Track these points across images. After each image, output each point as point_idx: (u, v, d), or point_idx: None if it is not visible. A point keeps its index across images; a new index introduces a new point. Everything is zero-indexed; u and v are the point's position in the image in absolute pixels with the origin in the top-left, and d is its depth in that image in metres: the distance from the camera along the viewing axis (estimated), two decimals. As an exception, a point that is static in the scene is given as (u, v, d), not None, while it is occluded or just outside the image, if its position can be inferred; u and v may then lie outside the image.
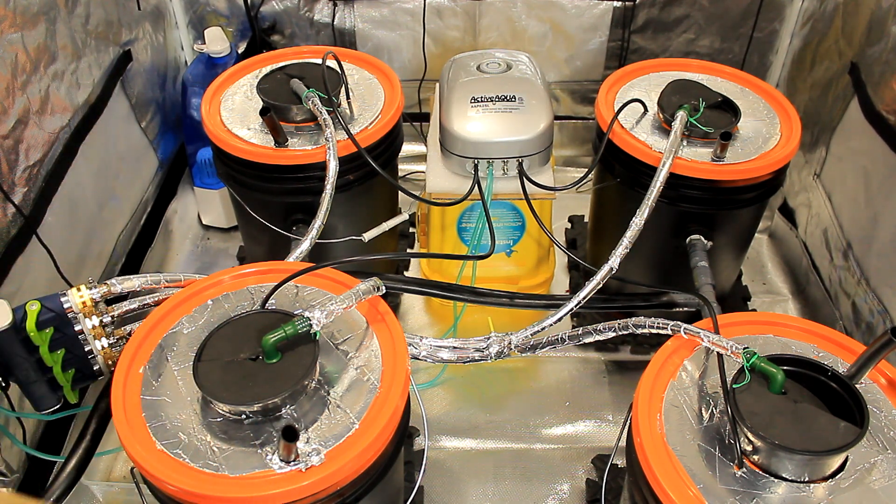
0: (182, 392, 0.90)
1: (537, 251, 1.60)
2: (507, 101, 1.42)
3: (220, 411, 0.87)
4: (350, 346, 0.96)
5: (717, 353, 0.94)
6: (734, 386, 0.87)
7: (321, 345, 0.91)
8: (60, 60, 1.43)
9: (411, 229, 1.89)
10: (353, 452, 0.83)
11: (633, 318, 1.06)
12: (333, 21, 2.00)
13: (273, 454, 0.82)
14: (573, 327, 1.17)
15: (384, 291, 1.00)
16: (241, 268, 1.07)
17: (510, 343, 1.13)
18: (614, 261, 1.20)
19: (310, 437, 0.85)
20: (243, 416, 0.86)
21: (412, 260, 1.82)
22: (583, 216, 1.89)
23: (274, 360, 0.86)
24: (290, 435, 0.77)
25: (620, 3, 1.93)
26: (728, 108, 1.32)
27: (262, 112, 1.27)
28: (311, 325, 0.87)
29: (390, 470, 0.93)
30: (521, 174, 1.41)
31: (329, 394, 0.89)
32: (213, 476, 0.81)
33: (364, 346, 0.96)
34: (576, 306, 1.18)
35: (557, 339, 1.12)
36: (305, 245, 1.21)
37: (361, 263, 1.37)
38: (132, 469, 0.94)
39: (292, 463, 0.81)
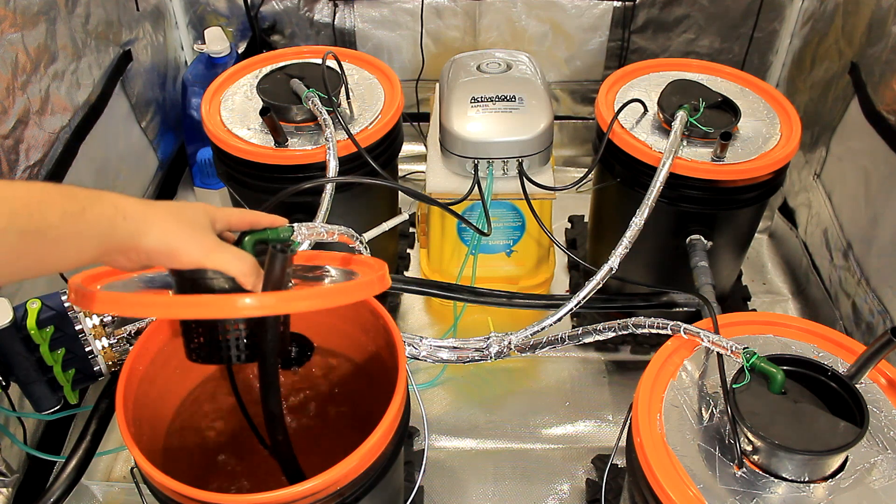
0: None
1: (537, 251, 1.60)
2: (507, 101, 1.42)
3: None
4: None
5: (717, 353, 0.94)
6: (734, 386, 0.87)
7: None
8: (60, 60, 1.43)
9: (411, 229, 1.89)
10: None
11: (633, 318, 1.06)
12: (333, 21, 2.00)
13: None
14: (573, 327, 1.18)
15: (366, 244, 0.99)
16: None
17: (510, 343, 1.13)
18: (614, 261, 1.20)
19: None
20: None
21: (412, 260, 1.82)
22: (583, 216, 1.89)
23: None
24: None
25: (620, 3, 1.92)
26: (728, 108, 1.32)
27: (262, 112, 1.27)
28: (292, 231, 0.86)
29: (390, 470, 0.93)
30: (521, 174, 1.41)
31: None
32: None
33: None
34: (576, 306, 1.18)
35: (557, 339, 1.12)
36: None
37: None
38: (132, 469, 0.94)
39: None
